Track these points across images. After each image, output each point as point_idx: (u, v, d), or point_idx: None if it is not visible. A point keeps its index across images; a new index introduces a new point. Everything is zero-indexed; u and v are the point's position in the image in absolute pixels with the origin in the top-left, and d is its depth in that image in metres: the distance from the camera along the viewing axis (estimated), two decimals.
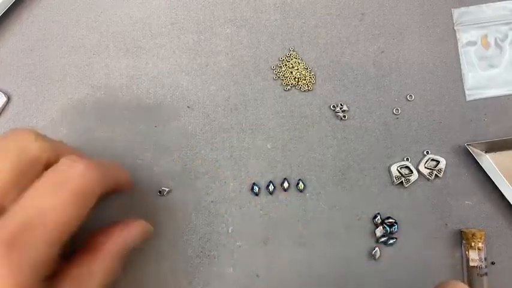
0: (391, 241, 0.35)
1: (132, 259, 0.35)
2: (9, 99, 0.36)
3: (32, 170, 0.24)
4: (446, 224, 0.36)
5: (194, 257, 0.35)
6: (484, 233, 0.34)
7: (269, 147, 0.36)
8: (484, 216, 0.36)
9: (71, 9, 0.37)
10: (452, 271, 0.36)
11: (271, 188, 0.36)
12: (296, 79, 0.37)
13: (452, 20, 0.38)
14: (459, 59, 0.37)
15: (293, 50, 0.37)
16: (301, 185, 0.36)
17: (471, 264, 0.34)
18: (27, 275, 0.20)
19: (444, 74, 0.37)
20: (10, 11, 0.36)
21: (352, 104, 0.37)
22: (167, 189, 0.35)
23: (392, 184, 0.36)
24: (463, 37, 0.38)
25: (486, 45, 0.38)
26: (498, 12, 0.38)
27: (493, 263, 0.36)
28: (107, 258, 0.26)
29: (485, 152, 0.36)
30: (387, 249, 0.36)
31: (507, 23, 0.38)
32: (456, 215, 0.36)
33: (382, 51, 0.37)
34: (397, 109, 0.37)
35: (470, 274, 0.35)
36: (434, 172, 0.36)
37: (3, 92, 0.36)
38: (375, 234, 0.35)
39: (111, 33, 0.37)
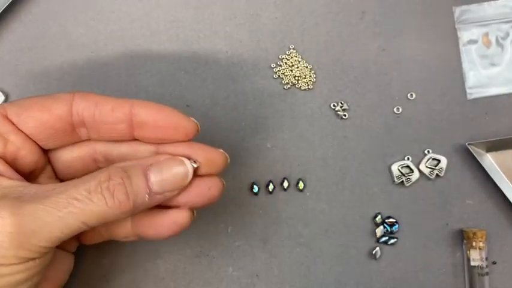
0: (392, 241, 0.35)
1: (131, 259, 0.35)
2: (7, 97, 0.36)
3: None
4: (447, 224, 0.36)
5: (193, 257, 0.35)
6: (485, 232, 0.34)
7: (269, 146, 0.36)
8: (485, 215, 0.36)
9: (69, 7, 0.37)
10: (453, 271, 0.35)
11: (270, 187, 0.35)
12: (296, 78, 0.36)
13: (453, 18, 0.38)
14: (460, 58, 0.37)
15: (293, 49, 0.37)
16: (301, 185, 0.36)
17: (472, 263, 0.34)
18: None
19: (445, 73, 0.37)
20: (8, 9, 0.36)
21: (352, 103, 0.37)
22: None
23: (393, 183, 0.36)
24: (464, 35, 0.38)
25: (487, 44, 0.38)
26: (499, 11, 0.38)
27: (494, 263, 0.36)
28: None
29: (486, 151, 0.36)
30: (388, 249, 0.36)
31: (508, 21, 0.38)
32: (457, 215, 0.36)
33: (383, 50, 0.37)
34: (398, 108, 0.37)
35: (471, 274, 0.34)
36: (435, 171, 0.36)
37: (1, 91, 0.35)
38: (376, 234, 0.35)
39: (109, 31, 0.37)
